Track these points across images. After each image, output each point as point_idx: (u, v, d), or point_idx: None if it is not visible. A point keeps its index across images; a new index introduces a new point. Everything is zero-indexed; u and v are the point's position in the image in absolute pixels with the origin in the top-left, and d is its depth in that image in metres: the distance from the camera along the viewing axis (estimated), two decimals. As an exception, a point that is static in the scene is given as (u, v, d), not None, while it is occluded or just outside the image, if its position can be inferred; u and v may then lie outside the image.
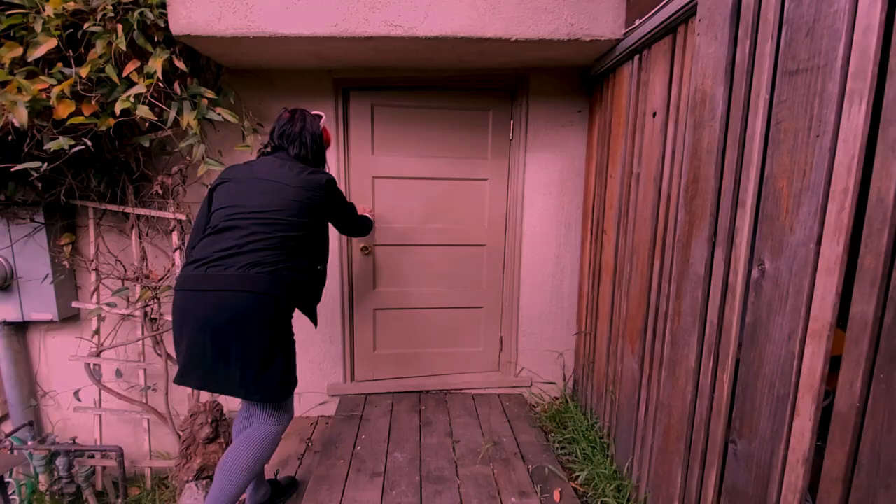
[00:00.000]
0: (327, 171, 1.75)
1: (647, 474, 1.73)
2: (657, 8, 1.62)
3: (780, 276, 1.00)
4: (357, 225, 1.96)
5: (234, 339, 1.40)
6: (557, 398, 2.65)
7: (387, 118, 2.42)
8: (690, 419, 1.34)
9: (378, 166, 2.45)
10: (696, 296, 1.31)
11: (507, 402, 2.57)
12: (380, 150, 2.45)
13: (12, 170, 1.72)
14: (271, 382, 1.48)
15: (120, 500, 2.34)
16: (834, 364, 0.89)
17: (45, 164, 1.74)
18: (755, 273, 1.08)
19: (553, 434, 2.32)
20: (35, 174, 1.75)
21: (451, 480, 1.92)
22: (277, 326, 1.48)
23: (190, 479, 2.23)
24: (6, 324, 2.37)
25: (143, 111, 1.77)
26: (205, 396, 2.56)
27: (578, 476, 1.97)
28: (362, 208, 2.33)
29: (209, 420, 2.31)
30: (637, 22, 1.78)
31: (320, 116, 1.76)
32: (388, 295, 2.60)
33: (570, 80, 2.41)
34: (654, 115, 1.73)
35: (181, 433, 2.32)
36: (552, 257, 2.58)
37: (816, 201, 0.91)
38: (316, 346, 2.57)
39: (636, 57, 1.87)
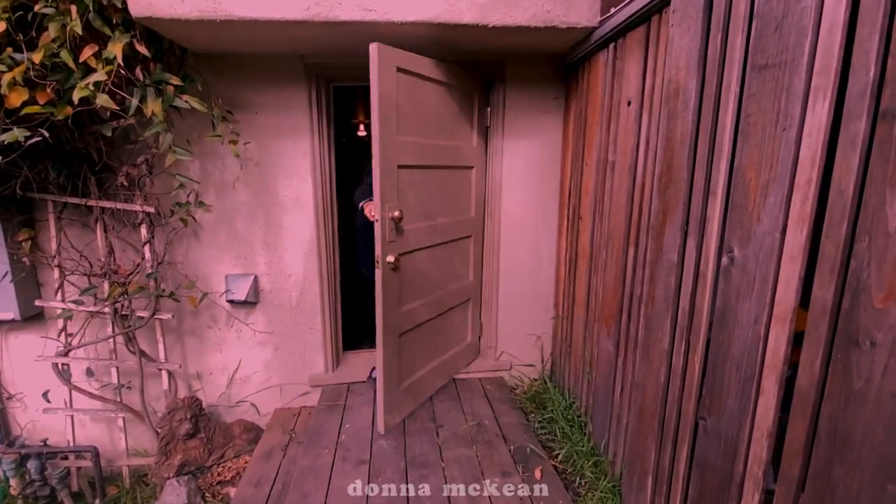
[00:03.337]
0: None
1: (623, 451, 1.81)
2: (632, -3, 1.63)
3: (748, 263, 1.06)
4: None
5: None
6: (536, 380, 2.73)
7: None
8: (664, 398, 1.41)
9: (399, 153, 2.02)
10: (669, 282, 1.36)
11: (488, 386, 2.62)
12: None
13: (-37, 164, 1.61)
14: None
15: (98, 501, 2.29)
16: (797, 338, 0.96)
17: (1, 158, 1.63)
18: (725, 260, 1.14)
19: (533, 414, 2.40)
20: (-11, 168, 1.65)
21: (435, 464, 1.96)
22: None
23: (171, 475, 2.20)
24: (-37, 325, 2.25)
25: (103, 100, 1.67)
26: (182, 392, 2.51)
27: (558, 454, 2.05)
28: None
29: (188, 416, 2.28)
30: (612, 10, 1.79)
31: None
32: (405, 314, 2.21)
33: (547, 67, 2.41)
34: (629, 104, 1.76)
35: (159, 430, 2.27)
36: (530, 244, 2.61)
37: (782, 192, 0.96)
38: (296, 337, 2.55)
39: (611, 45, 1.89)
